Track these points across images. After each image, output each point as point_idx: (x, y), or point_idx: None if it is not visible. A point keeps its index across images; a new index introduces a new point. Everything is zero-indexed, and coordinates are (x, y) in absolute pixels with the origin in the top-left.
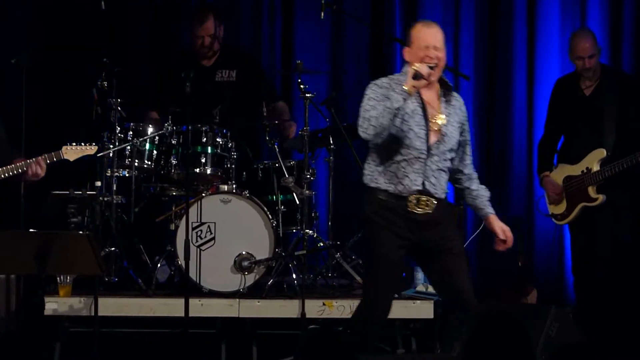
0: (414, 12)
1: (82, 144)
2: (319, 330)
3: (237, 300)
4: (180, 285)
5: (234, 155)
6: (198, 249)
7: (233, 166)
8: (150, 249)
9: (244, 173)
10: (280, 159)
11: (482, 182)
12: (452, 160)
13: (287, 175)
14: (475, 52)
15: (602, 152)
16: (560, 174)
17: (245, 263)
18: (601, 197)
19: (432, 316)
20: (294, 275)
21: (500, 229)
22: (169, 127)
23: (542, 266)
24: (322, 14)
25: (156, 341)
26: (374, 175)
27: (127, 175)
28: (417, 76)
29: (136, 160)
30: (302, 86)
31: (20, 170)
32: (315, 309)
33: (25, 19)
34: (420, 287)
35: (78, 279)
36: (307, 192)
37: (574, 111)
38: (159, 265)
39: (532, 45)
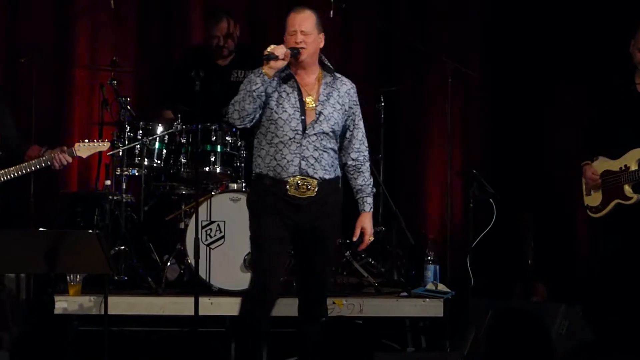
0: (422, 10)
1: (95, 140)
2: (335, 323)
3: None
4: (190, 283)
5: (243, 154)
6: (208, 248)
7: (242, 165)
8: (160, 248)
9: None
10: None
11: (492, 180)
12: (340, 143)
13: None
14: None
15: None
16: (599, 166)
17: None
18: (636, 197)
19: (441, 314)
20: None
21: (359, 228)
22: (179, 126)
23: (552, 263)
24: (332, 13)
25: (166, 340)
26: (257, 161)
27: (136, 174)
28: (269, 58)
29: (146, 159)
30: None
31: (48, 164)
32: None
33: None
34: (430, 286)
35: (88, 277)
36: None
37: (622, 105)
38: (168, 263)
39: None
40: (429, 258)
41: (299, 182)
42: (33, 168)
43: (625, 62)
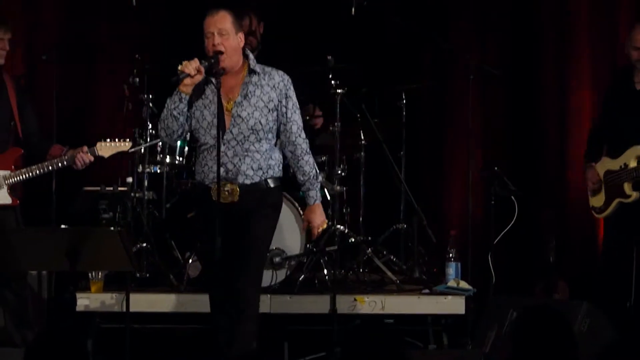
0: (443, 7)
1: (116, 140)
2: (366, 324)
3: (269, 296)
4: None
5: None
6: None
7: None
8: (182, 245)
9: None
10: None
11: (513, 177)
12: (275, 140)
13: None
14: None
15: (639, 150)
16: (602, 167)
17: (277, 259)
18: (635, 195)
19: (463, 312)
20: (325, 271)
21: (306, 222)
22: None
23: (574, 261)
24: (353, 10)
25: (187, 337)
26: (196, 168)
27: (158, 171)
28: (179, 78)
29: (168, 156)
30: (333, 82)
31: (69, 163)
32: (347, 304)
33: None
34: (451, 283)
35: (110, 275)
36: (338, 187)
37: (622, 104)
38: (190, 261)
39: None
40: (451, 255)
41: (221, 187)
42: (54, 167)
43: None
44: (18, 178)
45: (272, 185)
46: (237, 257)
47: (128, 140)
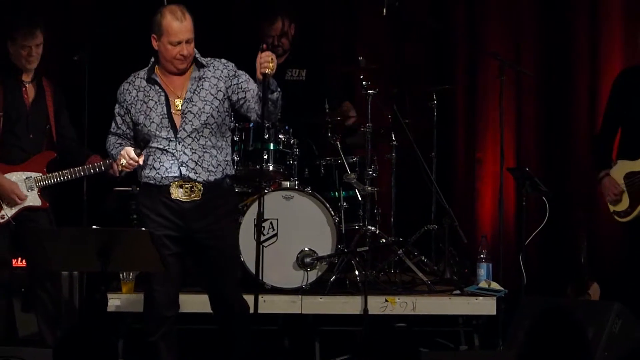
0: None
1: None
2: (379, 325)
3: (300, 296)
4: (242, 281)
5: (296, 151)
6: (260, 245)
7: (295, 163)
8: None
9: (306, 169)
10: (342, 155)
11: (545, 177)
12: (229, 135)
13: (349, 172)
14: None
15: None
16: (620, 170)
17: (308, 259)
18: None
19: (494, 312)
20: (357, 272)
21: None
22: (231, 124)
23: (605, 262)
24: (385, 11)
25: (218, 337)
26: (142, 169)
27: None
28: (121, 175)
29: None
30: (364, 82)
31: (96, 171)
32: (378, 305)
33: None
34: (482, 284)
35: (140, 275)
36: (369, 188)
37: (637, 104)
38: None
39: None
40: (482, 256)
41: (182, 185)
42: (87, 173)
43: None
44: (49, 181)
45: (230, 183)
46: (218, 267)
47: None
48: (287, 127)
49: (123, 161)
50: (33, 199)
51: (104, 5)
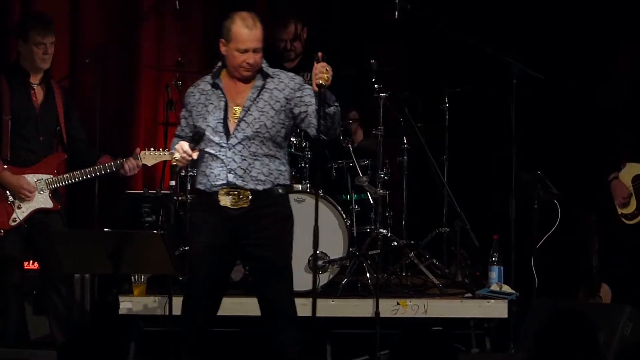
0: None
1: (160, 149)
2: (416, 329)
3: (311, 299)
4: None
5: (308, 154)
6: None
7: (307, 166)
8: None
9: (318, 172)
10: (354, 158)
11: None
12: (285, 146)
13: (361, 175)
14: None
15: None
16: (629, 173)
17: (320, 262)
18: None
19: (506, 315)
20: (368, 275)
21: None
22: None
23: (617, 264)
24: (396, 14)
25: (230, 340)
26: (197, 176)
27: None
28: (175, 171)
29: None
30: (376, 85)
31: (107, 171)
32: (390, 308)
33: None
34: (494, 287)
35: (152, 278)
36: (381, 191)
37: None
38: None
39: None
40: (494, 259)
41: (229, 192)
42: (98, 174)
43: None
44: (61, 183)
45: (282, 192)
46: (266, 276)
47: (169, 151)
48: (298, 130)
49: (177, 155)
50: (44, 201)
51: (116, 8)
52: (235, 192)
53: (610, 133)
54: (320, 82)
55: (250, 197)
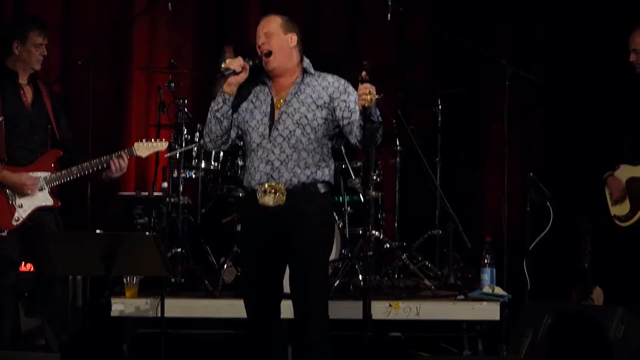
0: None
1: (153, 140)
2: (375, 336)
3: None
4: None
5: None
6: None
7: None
8: (217, 250)
9: None
10: (346, 160)
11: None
12: (328, 144)
13: (353, 177)
14: None
15: None
16: (622, 175)
17: None
18: None
19: (498, 318)
20: (360, 276)
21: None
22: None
23: (609, 267)
24: (389, 16)
25: (222, 342)
26: (244, 174)
27: (193, 176)
28: (224, 74)
29: (203, 161)
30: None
31: (104, 166)
32: (382, 310)
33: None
34: (486, 289)
35: (144, 280)
36: (373, 193)
37: (635, 109)
38: (225, 266)
39: None
40: (486, 261)
41: (266, 188)
42: (93, 169)
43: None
44: (59, 180)
45: (320, 189)
46: (299, 276)
47: (164, 140)
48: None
49: (228, 61)
50: (45, 199)
51: (112, 9)
52: (272, 189)
53: (604, 135)
54: (365, 104)
55: (284, 192)
